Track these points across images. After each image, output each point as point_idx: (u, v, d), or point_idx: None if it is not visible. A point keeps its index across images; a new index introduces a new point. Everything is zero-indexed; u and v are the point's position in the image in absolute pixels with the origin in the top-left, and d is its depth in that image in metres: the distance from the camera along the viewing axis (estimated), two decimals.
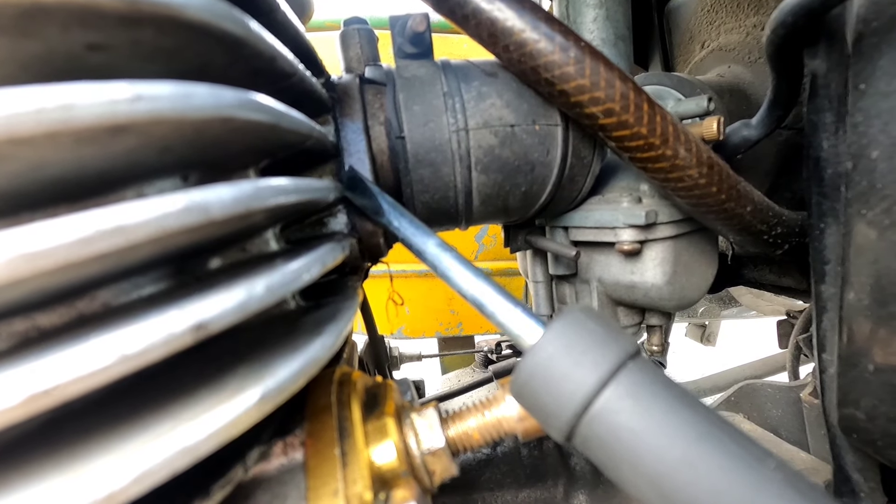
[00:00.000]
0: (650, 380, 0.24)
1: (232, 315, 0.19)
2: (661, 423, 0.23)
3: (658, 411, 0.23)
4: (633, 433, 0.23)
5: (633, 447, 0.23)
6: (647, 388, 0.24)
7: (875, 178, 0.35)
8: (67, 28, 0.17)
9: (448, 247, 0.33)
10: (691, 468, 0.22)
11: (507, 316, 0.29)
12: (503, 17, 0.39)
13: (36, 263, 0.14)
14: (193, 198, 0.18)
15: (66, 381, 0.15)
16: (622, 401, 0.24)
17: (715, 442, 0.22)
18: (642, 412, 0.23)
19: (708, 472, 0.22)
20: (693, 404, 0.24)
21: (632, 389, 0.24)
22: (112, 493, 0.15)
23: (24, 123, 0.14)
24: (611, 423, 0.24)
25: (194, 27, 0.20)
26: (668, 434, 0.23)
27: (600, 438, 0.24)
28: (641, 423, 0.23)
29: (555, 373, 0.25)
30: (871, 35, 0.34)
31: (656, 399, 0.24)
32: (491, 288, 0.30)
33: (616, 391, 0.24)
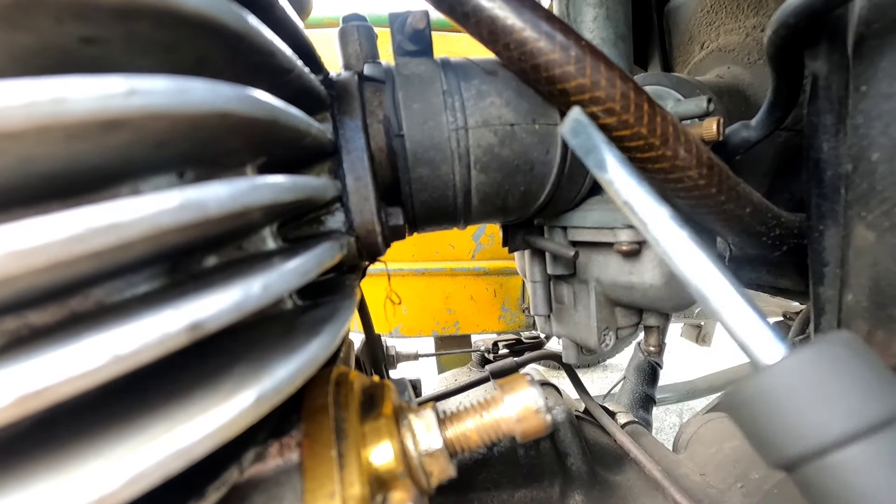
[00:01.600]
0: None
1: (228, 315, 0.18)
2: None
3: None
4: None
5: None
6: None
7: (875, 181, 0.35)
8: (61, 21, 0.17)
9: (683, 224, 0.27)
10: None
11: (739, 319, 0.25)
12: (503, 16, 0.39)
13: (26, 261, 0.14)
14: (189, 195, 0.17)
15: (58, 382, 0.14)
16: (874, 464, 0.20)
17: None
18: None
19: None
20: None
21: (892, 455, 0.20)
22: (103, 496, 0.15)
23: (14, 117, 0.14)
24: (849, 482, 0.20)
25: (192, 21, 0.19)
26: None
27: (829, 492, 0.21)
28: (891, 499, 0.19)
29: (791, 404, 0.22)
30: (872, 37, 0.34)
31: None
32: (729, 283, 0.26)
33: (869, 451, 0.20)
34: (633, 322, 0.65)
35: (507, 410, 0.31)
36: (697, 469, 0.76)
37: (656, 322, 0.65)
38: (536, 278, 0.68)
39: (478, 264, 1.58)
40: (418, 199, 0.45)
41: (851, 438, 0.20)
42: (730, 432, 0.84)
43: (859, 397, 0.21)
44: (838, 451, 0.20)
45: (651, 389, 1.37)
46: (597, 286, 0.60)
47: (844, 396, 0.21)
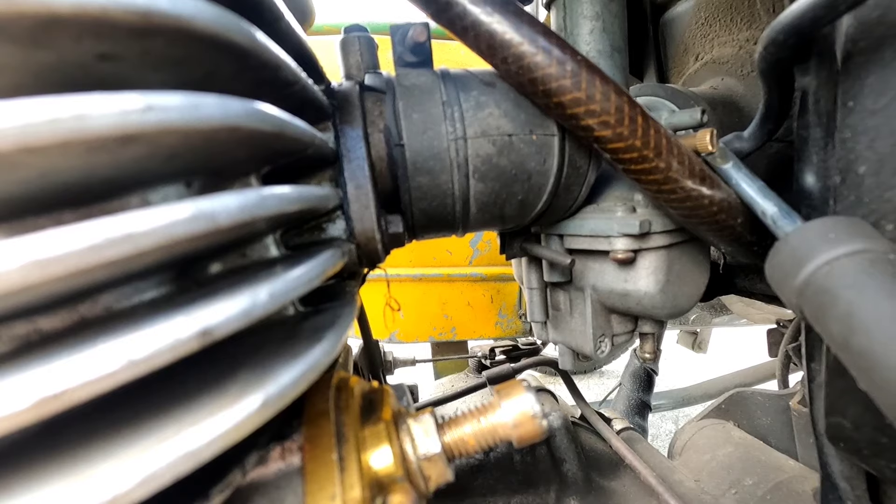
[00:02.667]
0: (881, 268, 0.28)
1: (237, 321, 0.19)
2: (878, 302, 0.26)
3: (884, 293, 0.26)
4: (853, 302, 0.27)
5: (850, 313, 0.27)
6: (882, 276, 0.27)
7: (862, 193, 0.36)
8: (80, 39, 0.17)
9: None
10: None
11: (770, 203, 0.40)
12: (501, 30, 0.40)
13: (47, 270, 0.15)
14: (201, 206, 0.18)
15: (75, 386, 0.15)
16: (850, 269, 0.28)
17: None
18: (866, 285, 0.27)
19: None
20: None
21: (865, 268, 0.28)
22: (116, 496, 0.16)
23: (38, 133, 0.15)
24: (827, 286, 0.29)
25: (204, 38, 0.20)
26: (880, 311, 0.26)
27: (823, 294, 0.29)
28: (861, 294, 0.27)
29: (803, 248, 0.31)
30: (858, 54, 0.35)
31: (883, 281, 0.27)
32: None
33: (851, 261, 0.29)
34: (629, 329, 0.66)
35: (504, 416, 0.31)
36: (692, 475, 0.77)
37: (651, 329, 0.65)
38: (533, 285, 0.69)
39: (475, 270, 1.58)
40: (417, 207, 0.46)
41: (836, 258, 0.29)
42: (724, 439, 0.85)
43: (841, 241, 0.30)
44: (834, 261, 0.29)
45: (647, 396, 1.37)
46: (593, 293, 0.61)
47: (834, 241, 0.30)
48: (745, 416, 0.96)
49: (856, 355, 0.27)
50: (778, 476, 0.73)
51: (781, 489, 0.71)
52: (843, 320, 0.28)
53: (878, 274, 0.28)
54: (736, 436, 0.85)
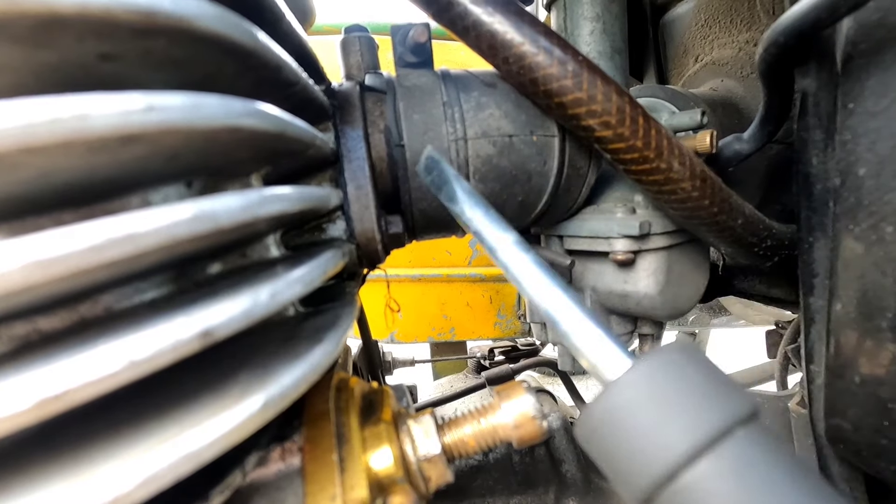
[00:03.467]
0: (765, 457, 0.19)
1: (238, 322, 0.19)
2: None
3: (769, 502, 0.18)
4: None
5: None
6: (759, 469, 0.19)
7: (862, 195, 0.36)
8: (82, 39, 0.17)
9: (528, 247, 0.28)
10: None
11: (585, 339, 0.24)
12: (503, 30, 0.40)
13: (49, 270, 0.15)
14: (202, 207, 0.18)
15: (77, 386, 0.15)
16: (721, 481, 0.18)
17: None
18: (748, 499, 0.18)
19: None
20: (819, 495, 0.19)
21: (737, 467, 0.19)
22: (118, 497, 0.16)
23: (39, 133, 0.15)
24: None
25: (205, 38, 0.20)
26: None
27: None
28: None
29: (636, 424, 0.20)
30: (859, 56, 0.35)
31: (770, 487, 0.18)
32: (572, 302, 0.25)
33: (715, 465, 0.19)
34: (628, 330, 0.66)
35: (504, 417, 0.31)
36: None
37: (651, 330, 0.65)
38: None
39: (474, 271, 1.58)
40: (417, 207, 0.46)
41: (696, 455, 0.19)
42: None
43: (698, 408, 0.20)
44: (687, 471, 0.19)
45: None
46: (592, 294, 0.61)
47: (684, 409, 0.20)
48: None
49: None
50: None
51: None
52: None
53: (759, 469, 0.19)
54: None
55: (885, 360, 0.37)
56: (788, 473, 0.18)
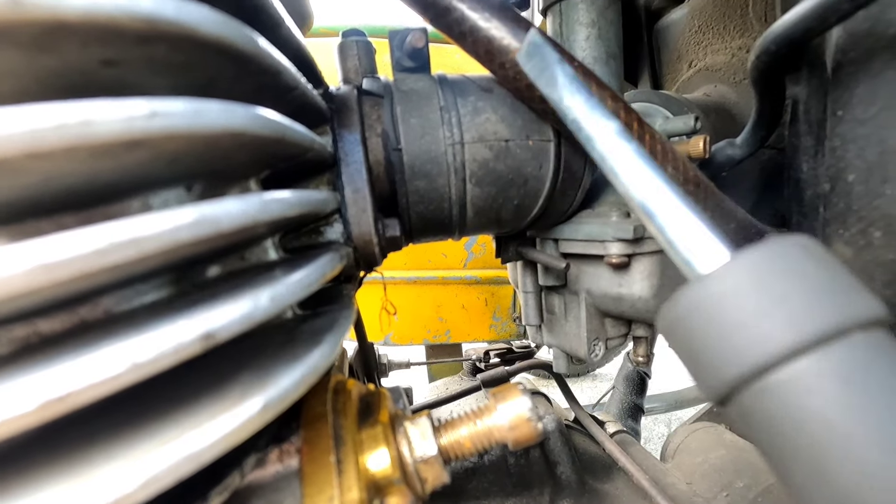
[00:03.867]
0: (883, 367, 0.16)
1: (239, 325, 0.19)
2: (876, 429, 0.16)
3: (877, 412, 0.16)
4: (826, 429, 0.16)
5: (820, 447, 0.16)
6: (873, 375, 0.16)
7: (851, 200, 0.37)
8: (86, 45, 0.18)
9: (630, 138, 0.25)
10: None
11: (680, 230, 0.21)
12: (499, 36, 0.40)
13: (53, 273, 0.15)
14: (204, 211, 0.18)
15: (80, 388, 0.15)
16: (825, 380, 0.16)
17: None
18: (853, 405, 0.16)
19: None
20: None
21: (844, 371, 0.16)
22: (120, 498, 0.16)
23: (45, 138, 0.15)
24: (796, 404, 0.17)
25: (207, 44, 0.20)
26: (881, 446, 0.15)
27: (771, 418, 0.17)
28: (846, 421, 0.16)
29: (732, 314, 0.18)
30: (848, 65, 0.36)
31: (883, 395, 0.16)
32: (673, 194, 0.23)
33: (820, 364, 0.16)
34: (623, 332, 0.66)
35: (499, 418, 0.32)
36: (684, 478, 0.78)
37: (645, 333, 0.66)
38: (528, 289, 0.69)
39: (470, 273, 1.59)
40: (415, 210, 0.47)
41: (797, 351, 0.17)
42: (716, 442, 0.86)
43: (808, 303, 0.17)
44: (780, 368, 0.17)
45: (640, 399, 1.38)
46: (587, 297, 0.62)
47: (791, 303, 0.17)
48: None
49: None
50: (769, 478, 0.74)
51: (772, 492, 0.72)
52: (818, 455, 0.17)
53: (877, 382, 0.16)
54: (728, 439, 0.86)
55: None
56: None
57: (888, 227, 0.35)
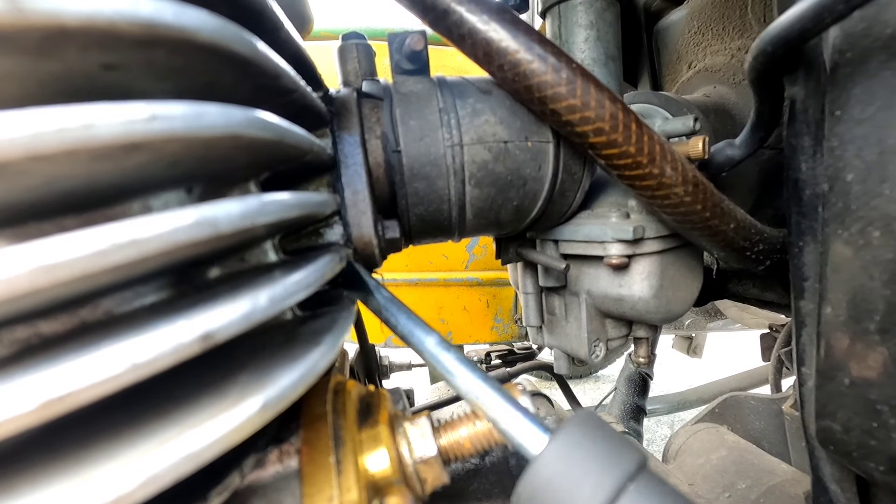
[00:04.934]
0: (655, 501, 0.24)
1: (238, 325, 0.19)
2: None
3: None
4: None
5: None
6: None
7: (850, 200, 0.37)
8: (86, 50, 0.18)
9: (448, 345, 0.32)
10: None
11: (510, 422, 0.28)
12: (498, 38, 0.41)
13: (55, 274, 0.15)
14: (203, 213, 0.19)
15: (80, 388, 0.15)
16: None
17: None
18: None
19: None
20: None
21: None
22: (120, 497, 0.16)
23: (46, 142, 0.15)
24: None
25: (206, 48, 0.21)
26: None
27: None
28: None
29: (555, 496, 0.25)
30: (845, 65, 0.36)
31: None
32: (494, 392, 0.29)
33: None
34: (623, 333, 0.66)
35: None
36: (686, 479, 0.77)
37: (645, 334, 0.66)
38: (528, 290, 0.69)
39: (471, 275, 1.59)
40: (414, 212, 0.47)
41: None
42: (718, 443, 0.86)
43: (598, 475, 0.24)
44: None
45: (642, 400, 1.38)
46: (587, 298, 0.62)
47: (591, 474, 0.24)
48: (738, 421, 0.96)
49: None
50: (771, 480, 0.74)
51: (774, 493, 0.71)
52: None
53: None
54: (730, 440, 0.86)
55: (874, 362, 0.38)
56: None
57: (887, 227, 0.35)
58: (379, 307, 0.35)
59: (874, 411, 0.38)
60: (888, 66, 0.34)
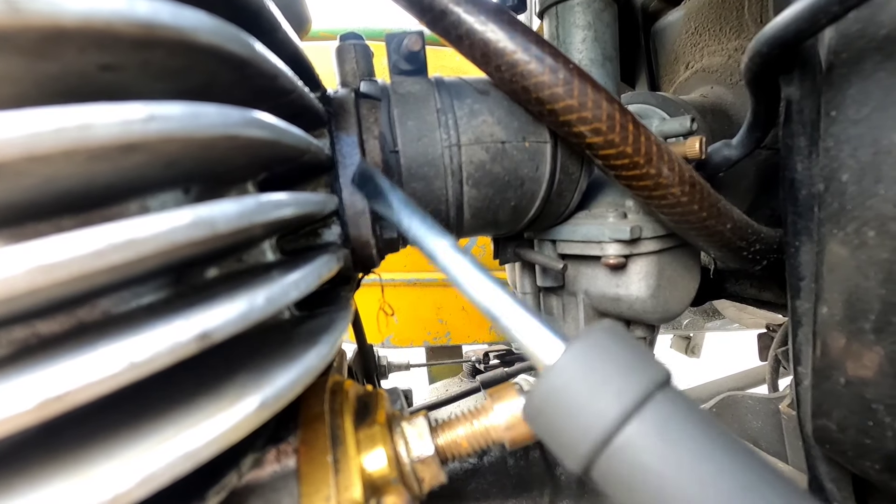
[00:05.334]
0: (681, 414, 0.21)
1: (235, 325, 0.19)
2: (692, 468, 0.20)
3: (688, 453, 0.20)
4: (659, 476, 0.20)
5: (658, 491, 0.20)
6: (677, 424, 0.21)
7: (845, 200, 0.37)
8: (84, 50, 0.18)
9: (462, 250, 0.30)
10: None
11: (523, 329, 0.26)
12: (496, 39, 0.41)
13: (52, 274, 0.15)
14: (200, 213, 0.19)
15: (78, 388, 0.15)
16: (647, 438, 0.21)
17: (758, 496, 0.19)
18: (670, 452, 0.21)
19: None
20: (730, 445, 0.21)
21: (659, 425, 0.21)
22: (117, 496, 0.16)
23: (44, 142, 0.15)
24: (634, 462, 0.21)
25: (204, 49, 0.21)
26: (699, 481, 0.20)
27: (621, 477, 0.21)
28: (669, 466, 0.20)
29: (572, 400, 0.22)
30: (840, 66, 0.36)
31: (687, 438, 0.21)
32: (508, 297, 0.27)
33: (641, 427, 0.21)
34: None
35: (496, 418, 0.32)
36: None
37: (643, 333, 0.66)
38: (526, 290, 0.69)
39: None
40: None
41: (624, 419, 0.21)
42: None
43: (622, 379, 0.22)
44: (618, 434, 0.21)
45: None
46: (585, 298, 0.62)
47: (613, 380, 0.22)
48: (736, 420, 0.96)
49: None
50: None
51: None
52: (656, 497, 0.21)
53: (679, 428, 0.21)
54: None
55: (869, 361, 0.38)
56: (703, 426, 0.21)
57: (882, 227, 0.35)
58: (391, 210, 0.33)
59: (869, 410, 0.38)
60: (883, 67, 0.34)
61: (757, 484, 0.20)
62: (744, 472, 0.20)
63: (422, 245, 0.31)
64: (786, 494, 0.20)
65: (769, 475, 0.20)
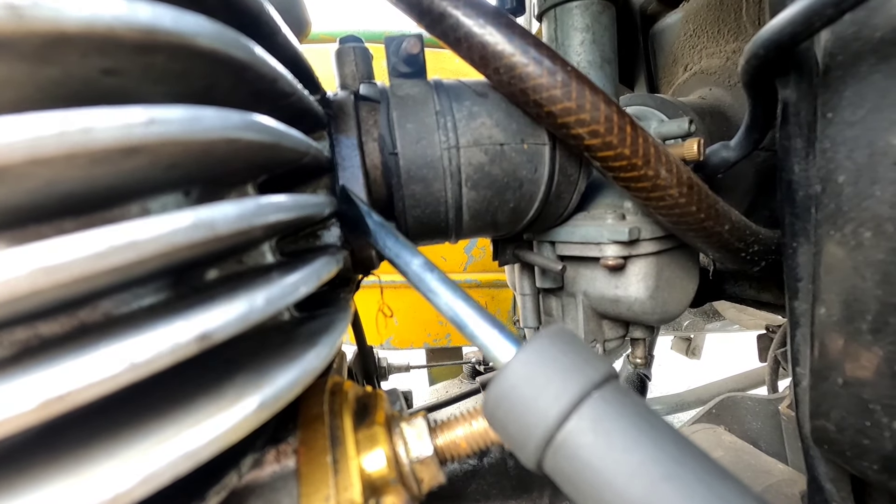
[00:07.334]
0: (616, 412, 0.23)
1: (234, 326, 0.20)
2: (622, 460, 0.22)
3: (620, 447, 0.22)
4: (594, 470, 0.22)
5: (594, 484, 0.22)
6: (610, 421, 0.23)
7: (842, 202, 0.37)
8: (86, 55, 0.18)
9: (432, 266, 0.33)
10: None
11: (485, 336, 0.29)
12: (494, 42, 0.41)
13: (54, 276, 0.15)
14: (200, 215, 0.19)
15: (79, 388, 0.16)
16: (583, 435, 0.23)
17: (680, 484, 0.21)
18: (603, 447, 0.22)
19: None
20: (663, 438, 0.23)
21: (594, 423, 0.23)
22: (118, 495, 0.16)
23: (46, 146, 0.15)
24: (573, 457, 0.23)
25: (204, 54, 0.21)
26: (628, 472, 0.21)
27: (564, 471, 0.23)
28: (601, 459, 0.22)
29: (519, 401, 0.25)
30: (837, 68, 0.37)
31: (619, 433, 0.22)
32: (470, 308, 0.30)
33: (578, 424, 0.23)
34: (620, 334, 0.67)
35: None
36: None
37: (642, 334, 0.66)
38: (526, 291, 0.70)
39: (469, 276, 1.59)
40: (411, 214, 0.47)
41: (563, 418, 0.23)
42: (715, 444, 0.86)
43: (562, 381, 0.24)
44: (558, 432, 0.23)
45: None
46: (584, 299, 0.62)
47: (554, 380, 0.24)
48: (735, 421, 0.97)
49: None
50: (767, 479, 0.74)
51: (771, 492, 0.72)
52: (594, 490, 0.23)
53: (614, 419, 0.23)
54: (727, 440, 0.86)
55: (866, 362, 0.38)
56: (636, 420, 0.23)
57: (878, 228, 0.35)
58: (368, 231, 0.36)
59: (867, 410, 0.38)
60: (878, 69, 0.34)
61: (682, 472, 0.21)
62: (671, 463, 0.22)
63: (395, 262, 0.34)
64: (708, 480, 0.21)
65: (698, 464, 0.22)
